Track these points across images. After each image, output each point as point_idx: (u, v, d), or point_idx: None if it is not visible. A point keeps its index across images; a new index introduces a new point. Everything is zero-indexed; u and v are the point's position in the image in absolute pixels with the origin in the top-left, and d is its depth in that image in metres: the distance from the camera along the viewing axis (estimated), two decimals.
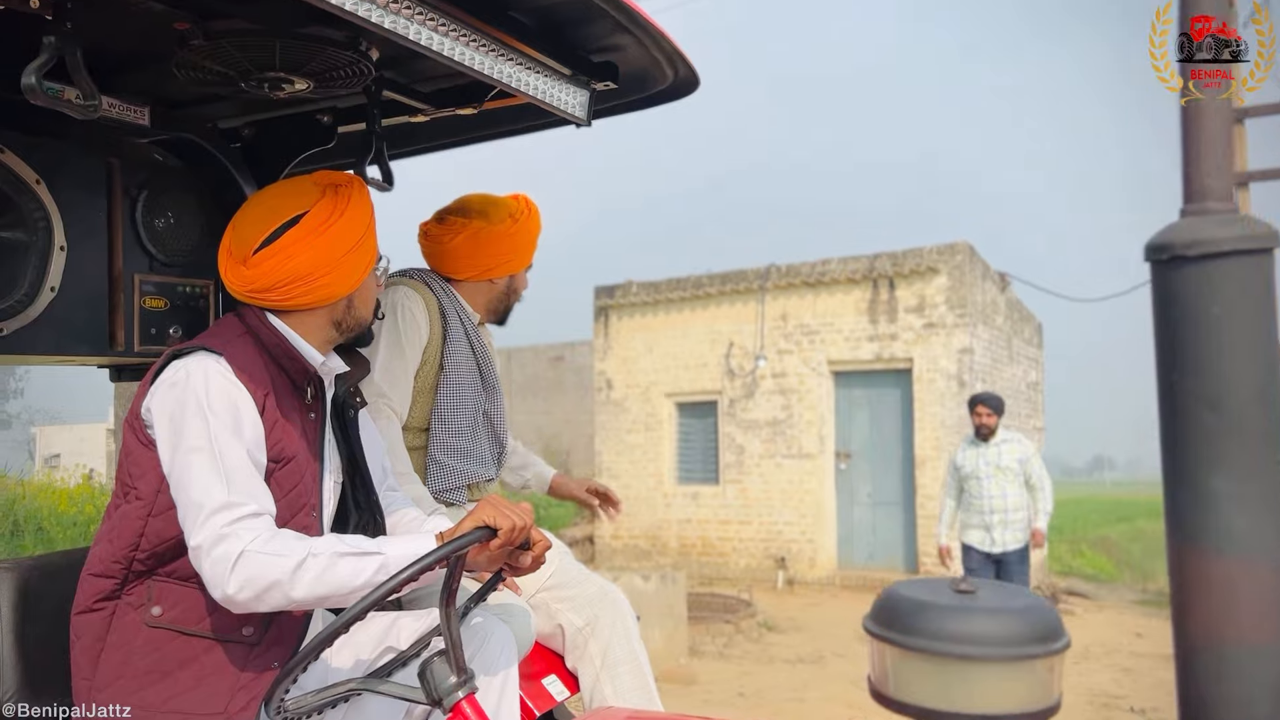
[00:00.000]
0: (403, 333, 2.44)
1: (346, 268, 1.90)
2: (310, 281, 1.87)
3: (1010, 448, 7.00)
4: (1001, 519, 6.93)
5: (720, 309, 13.23)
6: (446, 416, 2.49)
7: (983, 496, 6.97)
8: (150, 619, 1.76)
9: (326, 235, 1.87)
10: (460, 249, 2.59)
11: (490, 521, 1.75)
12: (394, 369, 2.42)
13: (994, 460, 6.95)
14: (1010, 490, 6.93)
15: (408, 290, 2.50)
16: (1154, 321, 1.24)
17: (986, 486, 6.96)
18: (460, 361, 2.53)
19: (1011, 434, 7.13)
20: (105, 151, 2.32)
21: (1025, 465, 6.98)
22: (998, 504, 6.94)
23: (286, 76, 1.96)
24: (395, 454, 2.36)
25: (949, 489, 7.28)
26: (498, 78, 2.00)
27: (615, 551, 13.78)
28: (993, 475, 6.94)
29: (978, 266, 12.09)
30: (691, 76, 2.29)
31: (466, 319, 2.59)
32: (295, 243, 1.85)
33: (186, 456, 1.68)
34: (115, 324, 2.32)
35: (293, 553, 1.63)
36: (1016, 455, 6.97)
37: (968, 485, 7.08)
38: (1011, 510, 6.94)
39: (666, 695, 6.90)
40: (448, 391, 2.50)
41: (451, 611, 1.73)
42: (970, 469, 7.05)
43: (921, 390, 11.84)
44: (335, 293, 1.91)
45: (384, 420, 2.36)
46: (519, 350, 29.98)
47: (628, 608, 2.55)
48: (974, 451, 7.08)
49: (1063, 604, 12.10)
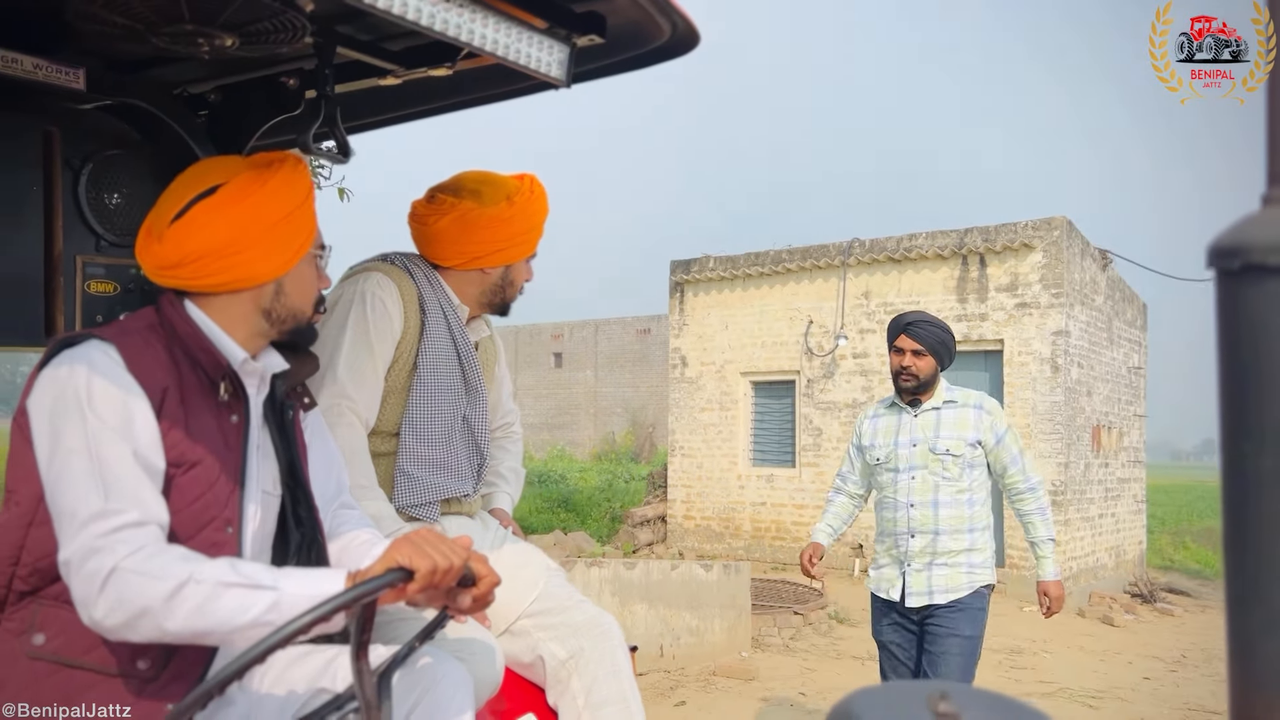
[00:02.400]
0: (371, 324, 2.17)
1: (267, 245, 1.68)
2: (223, 257, 1.65)
3: (958, 418, 3.75)
4: (926, 547, 3.71)
5: (800, 285, 12.76)
6: (419, 422, 2.22)
7: (895, 504, 3.79)
8: (31, 649, 1.55)
9: (243, 206, 1.66)
10: (446, 232, 2.29)
11: (405, 562, 1.48)
12: (360, 365, 2.15)
13: (922, 438, 3.76)
14: (947, 495, 3.71)
15: (380, 278, 2.22)
16: (1219, 358, 0.87)
17: (903, 485, 3.76)
18: (438, 360, 2.25)
19: (966, 394, 3.85)
20: (41, 119, 2.09)
21: (990, 452, 3.76)
22: (920, 519, 3.72)
23: (204, 30, 1.70)
24: (356, 464, 2.10)
25: (841, 474, 4.17)
26: (449, 32, 1.70)
27: (687, 533, 13.52)
28: (917, 465, 3.75)
29: (1076, 243, 11.36)
30: (690, 32, 1.96)
31: (450, 312, 2.30)
32: (206, 213, 1.65)
33: (63, 459, 1.48)
34: (54, 309, 2.11)
35: (171, 576, 1.41)
36: (969, 432, 3.73)
37: (876, 478, 3.93)
38: (947, 531, 3.70)
39: (722, 692, 6.64)
40: (421, 394, 2.22)
41: (363, 666, 1.47)
42: (880, 450, 3.86)
43: (1012, 374, 11.21)
44: (255, 273, 1.68)
45: (344, 426, 2.10)
46: (606, 322, 29.94)
47: (620, 639, 2.25)
48: (889, 420, 3.88)
49: (1161, 603, 11.41)
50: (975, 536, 3.73)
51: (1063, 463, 10.80)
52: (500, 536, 2.38)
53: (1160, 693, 7.36)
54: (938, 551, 3.69)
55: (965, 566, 3.69)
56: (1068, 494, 10.85)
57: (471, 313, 2.39)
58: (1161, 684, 7.65)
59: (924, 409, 3.79)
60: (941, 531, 3.69)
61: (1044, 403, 10.93)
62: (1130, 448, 13.34)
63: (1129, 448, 13.28)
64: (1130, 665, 8.29)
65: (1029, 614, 9.84)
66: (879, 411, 3.97)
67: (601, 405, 29.23)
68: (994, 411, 3.80)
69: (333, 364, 2.12)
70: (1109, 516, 12.36)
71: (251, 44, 1.77)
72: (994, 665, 7.80)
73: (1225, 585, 0.85)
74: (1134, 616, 10.61)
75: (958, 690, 0.91)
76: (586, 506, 16.24)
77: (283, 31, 1.74)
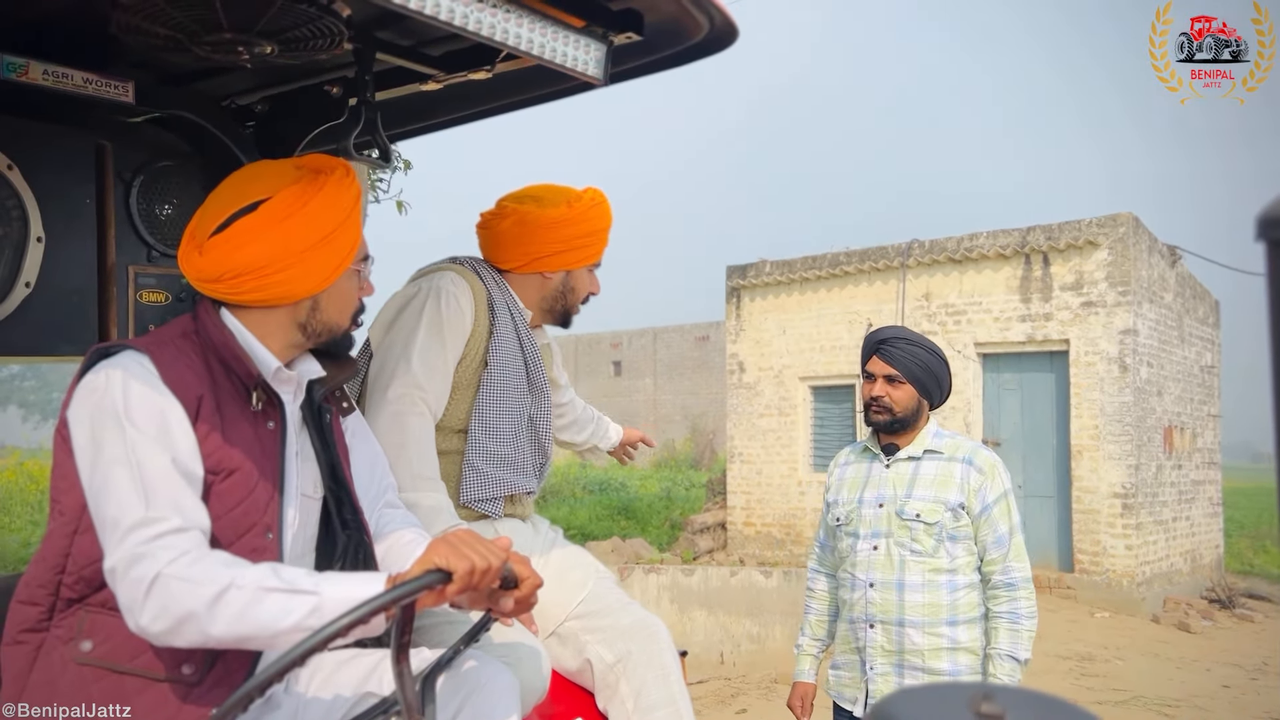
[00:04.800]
0: (445, 320, 2.19)
1: (309, 264, 1.67)
2: (261, 276, 1.65)
3: (940, 473, 2.82)
4: (889, 644, 2.79)
5: (858, 288, 12.61)
6: (488, 418, 2.24)
7: (854, 582, 2.87)
8: (79, 655, 1.57)
9: (284, 226, 1.64)
10: (508, 234, 2.35)
11: (443, 564, 1.47)
12: (432, 359, 2.17)
13: (890, 495, 2.84)
14: (915, 575, 2.77)
15: (454, 276, 2.25)
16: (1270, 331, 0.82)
17: (862, 557, 2.85)
18: (507, 359, 2.27)
19: (958, 444, 2.88)
20: (95, 133, 2.14)
21: (974, 522, 2.79)
22: (881, 604, 2.79)
23: (242, 37, 1.71)
24: (421, 454, 2.11)
25: (820, 543, 3.15)
26: (485, 32, 1.70)
27: (748, 539, 13.42)
28: (880, 532, 2.82)
29: (1143, 239, 11.07)
30: (728, 27, 1.93)
31: (517, 314, 2.34)
32: (247, 230, 1.64)
33: (105, 469, 1.50)
34: (107, 320, 2.16)
35: (214, 581, 1.42)
36: (950, 493, 2.78)
37: (838, 544, 2.97)
38: (916, 625, 2.75)
39: (780, 697, 6.54)
40: (491, 391, 2.24)
41: (403, 669, 1.47)
42: (841, 508, 2.95)
43: (1079, 374, 10.94)
44: (293, 291, 1.67)
45: (415, 416, 2.12)
46: (664, 330, 29.99)
47: (668, 642, 2.22)
48: (857, 470, 2.97)
49: (1240, 609, 11.03)
50: (960, 633, 2.73)
51: (1133, 465, 10.51)
52: (549, 539, 2.37)
53: (1240, 701, 7.10)
54: (905, 650, 2.74)
55: (948, 675, 2.71)
56: (1139, 497, 10.55)
57: (534, 320, 2.41)
58: (1242, 692, 7.38)
59: (899, 458, 2.85)
60: (908, 623, 2.73)
61: (1112, 404, 10.66)
62: (1205, 449, 12.94)
63: (1203, 449, 12.88)
64: (1208, 673, 8.01)
65: (1100, 620, 9.58)
66: (850, 458, 3.02)
67: (661, 413, 29.23)
68: (988, 470, 2.79)
69: (406, 354, 2.15)
70: (1183, 520, 11.99)
71: (291, 51, 1.78)
72: (1064, 672, 7.60)
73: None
74: (1212, 622, 10.27)
75: (1001, 691, 0.87)
76: (646, 514, 16.22)
77: (321, 38, 1.75)
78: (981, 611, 2.80)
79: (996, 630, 2.75)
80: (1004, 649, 2.72)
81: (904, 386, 2.81)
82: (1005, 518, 2.78)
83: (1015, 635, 2.72)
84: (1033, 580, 2.82)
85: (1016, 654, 2.70)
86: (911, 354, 2.82)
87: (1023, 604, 2.75)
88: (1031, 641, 2.75)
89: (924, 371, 2.82)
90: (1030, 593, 2.79)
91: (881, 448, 2.90)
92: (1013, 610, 2.74)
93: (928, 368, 2.83)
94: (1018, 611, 2.74)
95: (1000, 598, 2.77)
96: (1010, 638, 2.72)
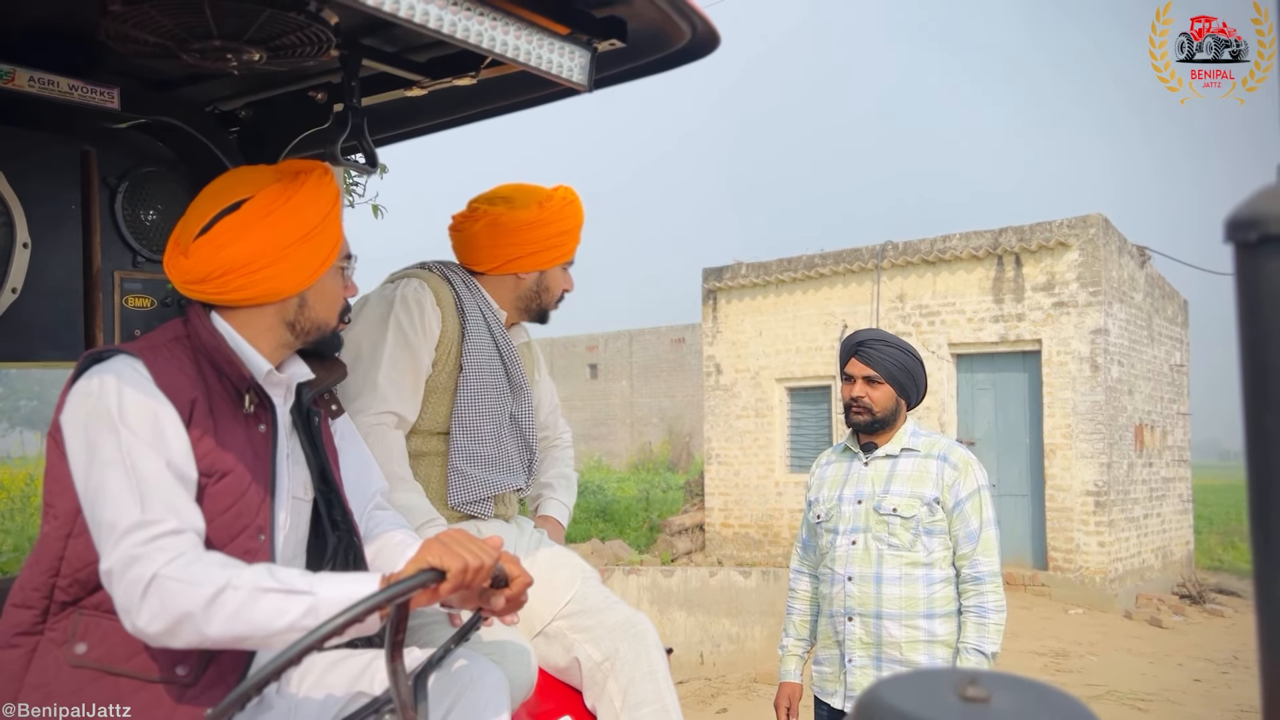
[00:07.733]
0: (408, 329, 2.20)
1: (293, 261, 1.70)
2: (248, 273, 1.67)
3: (916, 470, 2.91)
4: (867, 636, 2.86)
5: (833, 290, 12.70)
6: (468, 421, 2.26)
7: (833, 576, 2.95)
8: (74, 658, 1.58)
9: (266, 223, 1.67)
10: (480, 236, 2.35)
11: (437, 563, 1.50)
12: (400, 368, 2.18)
13: (869, 492, 2.93)
14: (893, 569, 2.85)
15: (416, 284, 2.26)
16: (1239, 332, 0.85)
17: (841, 553, 2.93)
18: (482, 361, 2.28)
19: (933, 442, 2.97)
20: (80, 139, 2.15)
21: (948, 516, 2.87)
22: (859, 597, 2.87)
23: (231, 45, 1.73)
24: (394, 458, 2.13)
25: (802, 543, 3.21)
26: (472, 40, 1.72)
27: (726, 540, 13.47)
28: (859, 527, 2.91)
29: (1113, 240, 11.22)
30: (710, 33, 1.97)
31: (490, 314, 2.34)
32: (231, 229, 1.67)
33: (100, 473, 1.51)
34: (93, 325, 2.16)
35: (210, 581, 1.44)
36: (926, 488, 2.87)
37: (818, 542, 3.06)
38: (894, 617, 2.83)
39: (764, 699, 6.58)
40: (468, 393, 2.26)
41: (397, 667, 1.49)
42: (821, 506, 3.04)
43: (1051, 374, 11.08)
44: (279, 288, 1.70)
45: (387, 432, 2.14)
46: (640, 332, 30.00)
47: (655, 640, 2.25)
48: (837, 469, 3.06)
49: (1211, 604, 11.20)
50: (936, 626, 2.81)
51: (1105, 463, 10.65)
52: (535, 540, 2.40)
53: (1212, 694, 7.22)
54: (883, 643, 2.81)
55: (923, 649, 2.80)
56: (1111, 495, 10.69)
57: (510, 319, 2.42)
58: (1213, 686, 7.50)
59: (877, 456, 2.95)
60: (886, 616, 2.81)
61: (1084, 402, 10.79)
62: (1175, 446, 13.12)
63: (1173, 446, 13.06)
64: (1180, 667, 8.14)
65: (1074, 616, 9.70)
66: (831, 458, 3.11)
67: (638, 415, 29.23)
68: (962, 467, 2.87)
69: (372, 376, 2.15)
70: (1154, 517, 12.16)
71: (279, 58, 1.80)
72: (1039, 668, 7.70)
73: (1253, 563, 0.83)
74: (1183, 618, 10.42)
75: (987, 676, 0.90)
76: (625, 516, 16.25)
77: (309, 45, 1.77)
78: (958, 606, 2.86)
79: (965, 624, 2.83)
80: (971, 642, 2.79)
81: (882, 387, 2.90)
82: (977, 513, 2.85)
83: (982, 629, 2.79)
84: (1001, 576, 2.87)
85: (983, 647, 2.77)
86: (889, 355, 2.90)
87: (989, 598, 2.81)
88: (1000, 635, 2.81)
89: (901, 372, 2.90)
90: (997, 586, 2.84)
91: (861, 446, 2.99)
92: (980, 604, 2.81)
93: (905, 368, 2.91)
94: (984, 605, 2.81)
95: (969, 592, 2.84)
96: (977, 631, 2.79)
